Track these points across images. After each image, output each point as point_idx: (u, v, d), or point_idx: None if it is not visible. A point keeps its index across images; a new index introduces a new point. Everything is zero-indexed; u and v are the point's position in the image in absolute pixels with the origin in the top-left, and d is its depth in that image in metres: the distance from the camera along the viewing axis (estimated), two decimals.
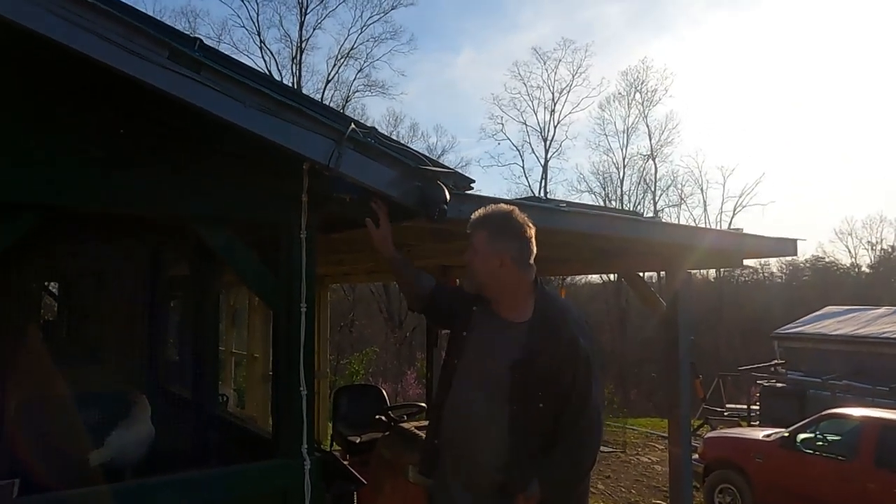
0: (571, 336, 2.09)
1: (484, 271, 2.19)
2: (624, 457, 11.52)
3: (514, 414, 2.06)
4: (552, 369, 2.04)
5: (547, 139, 34.80)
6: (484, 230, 2.21)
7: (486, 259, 2.18)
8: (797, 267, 37.18)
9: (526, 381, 2.05)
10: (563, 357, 2.06)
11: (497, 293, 2.21)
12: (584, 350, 2.09)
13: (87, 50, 2.00)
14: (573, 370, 2.05)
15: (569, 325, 2.13)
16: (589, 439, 2.11)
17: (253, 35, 31.29)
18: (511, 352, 2.10)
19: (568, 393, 2.05)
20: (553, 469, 2.06)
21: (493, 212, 2.26)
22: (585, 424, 2.08)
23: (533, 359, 2.06)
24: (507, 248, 2.18)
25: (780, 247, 4.38)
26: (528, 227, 2.26)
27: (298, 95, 2.57)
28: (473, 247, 2.21)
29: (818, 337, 13.04)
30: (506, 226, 2.21)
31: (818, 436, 7.30)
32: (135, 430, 3.35)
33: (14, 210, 2.24)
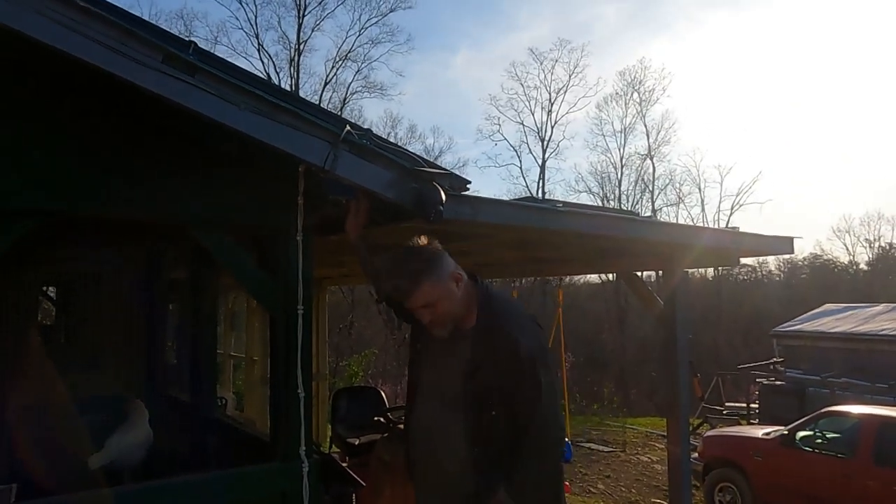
0: (511, 341, 2.05)
1: (450, 308, 2.11)
2: (624, 456, 11.53)
3: (469, 424, 2.05)
4: (496, 377, 2.03)
5: (544, 139, 34.83)
6: (424, 282, 2.08)
7: (448, 295, 2.10)
8: (795, 265, 37.25)
9: (475, 391, 2.04)
10: (504, 364, 2.03)
11: (462, 312, 2.16)
12: (524, 353, 2.04)
13: (81, 54, 2.00)
14: (516, 375, 2.02)
15: (507, 329, 2.08)
16: (545, 441, 2.07)
17: (251, 37, 31.26)
18: (460, 363, 2.09)
19: (516, 398, 2.02)
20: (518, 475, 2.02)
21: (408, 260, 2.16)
22: (539, 425, 2.03)
23: (478, 369, 2.05)
24: (449, 265, 2.15)
25: (776, 245, 4.38)
26: (432, 239, 2.22)
27: (294, 98, 2.58)
28: (430, 302, 2.09)
29: (817, 335, 13.05)
30: (429, 257, 2.14)
31: (817, 434, 7.31)
32: (133, 433, 3.35)
33: (11, 216, 2.24)
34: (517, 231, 3.33)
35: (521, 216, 3.11)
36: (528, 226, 3.13)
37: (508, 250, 4.53)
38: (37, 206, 2.27)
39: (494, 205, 3.05)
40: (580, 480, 9.64)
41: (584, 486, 9.40)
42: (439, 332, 2.14)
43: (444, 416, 2.11)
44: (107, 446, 3.21)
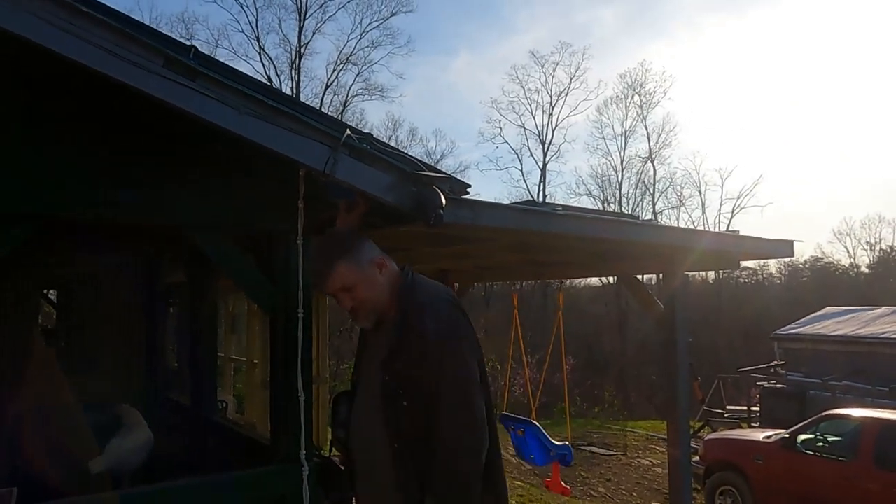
0: (420, 325, 1.94)
1: (374, 294, 2.02)
2: (625, 459, 11.52)
3: (387, 420, 1.93)
4: (407, 365, 1.92)
5: (545, 142, 34.93)
6: (340, 265, 2.00)
7: (368, 280, 2.01)
8: (796, 268, 37.27)
9: (389, 381, 1.94)
10: (415, 351, 1.91)
11: (388, 301, 2.05)
12: (431, 337, 1.92)
13: (81, 58, 2.00)
14: (423, 361, 1.90)
15: (419, 314, 1.97)
16: (456, 436, 1.88)
17: (252, 40, 31.40)
18: (379, 353, 2.00)
19: (421, 384, 1.90)
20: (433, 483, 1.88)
21: (320, 249, 2.12)
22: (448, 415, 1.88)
23: (391, 358, 1.95)
24: (372, 251, 2.07)
25: (777, 248, 4.38)
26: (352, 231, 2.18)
27: (294, 102, 2.58)
28: (347, 288, 2.00)
29: (817, 338, 13.03)
30: (344, 242, 2.08)
31: (818, 437, 7.30)
32: (133, 437, 3.35)
33: (10, 220, 2.24)
34: (517, 234, 3.33)
35: (521, 220, 3.11)
36: (529, 229, 3.13)
37: (509, 253, 4.53)
38: (36, 211, 2.28)
39: (494, 208, 3.05)
40: (581, 484, 9.63)
41: (585, 490, 9.39)
42: (363, 322, 2.05)
43: (369, 412, 2.00)
44: (107, 450, 3.21)
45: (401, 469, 1.92)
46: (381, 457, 1.95)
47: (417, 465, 1.90)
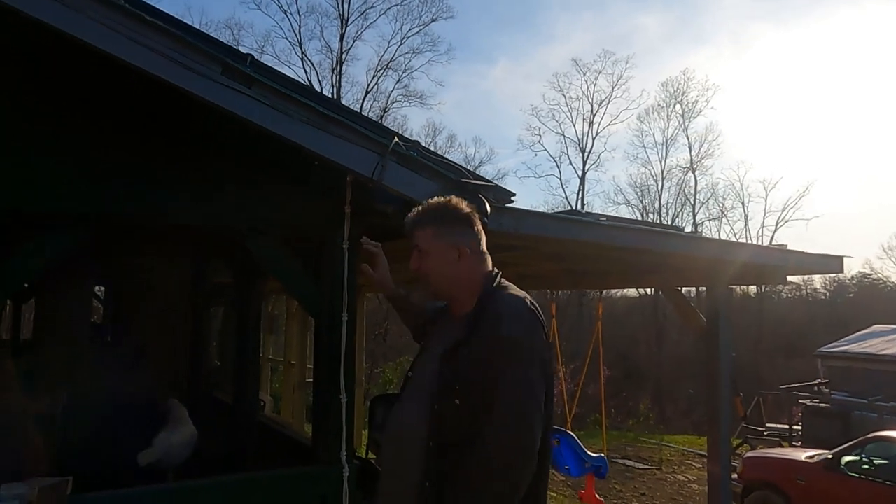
0: (494, 320, 1.82)
1: (440, 271, 1.94)
2: (659, 474, 11.31)
3: (433, 416, 1.79)
4: (479, 361, 1.78)
5: (585, 150, 34.62)
6: (428, 226, 1.96)
7: (440, 256, 1.94)
8: (842, 283, 36.10)
9: (449, 374, 1.81)
10: (483, 351, 1.79)
11: (455, 292, 1.96)
12: (504, 339, 1.78)
13: (146, 66, 2.09)
14: (505, 366, 1.76)
15: (497, 311, 1.85)
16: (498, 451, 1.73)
17: (295, 46, 31.88)
18: (442, 345, 1.88)
19: (479, 386, 1.76)
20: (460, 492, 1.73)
21: (431, 206, 2.01)
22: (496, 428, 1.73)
23: (456, 350, 1.83)
24: (463, 237, 1.95)
25: (825, 263, 4.28)
26: (474, 213, 2.01)
27: (343, 109, 2.64)
28: (420, 249, 1.96)
29: (864, 356, 12.63)
30: (451, 214, 1.97)
31: (864, 459, 7.06)
32: (180, 432, 3.44)
33: (74, 220, 2.35)
34: (559, 244, 3.33)
35: (563, 229, 3.11)
36: (571, 238, 3.13)
37: (548, 262, 4.52)
38: (98, 212, 2.38)
39: (537, 217, 3.06)
40: (614, 497, 9.49)
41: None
42: (423, 289, 2.01)
43: (413, 404, 1.88)
44: (154, 444, 3.30)
45: (430, 470, 1.78)
46: (412, 454, 1.82)
47: (445, 471, 1.76)
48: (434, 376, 1.83)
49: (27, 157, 2.28)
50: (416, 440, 1.81)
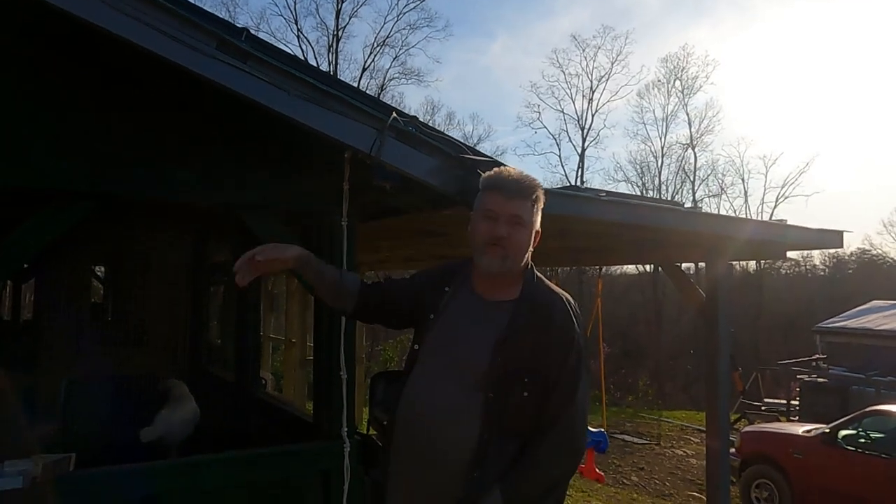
0: (566, 318, 1.81)
1: (525, 248, 1.85)
2: (658, 449, 11.44)
3: (489, 404, 1.74)
4: (540, 351, 1.76)
5: (584, 128, 34.41)
6: (533, 199, 1.85)
7: (531, 232, 1.86)
8: (841, 260, 36.15)
9: (508, 363, 1.75)
10: (554, 339, 1.78)
11: (516, 272, 1.88)
12: (578, 337, 1.81)
13: (142, 41, 2.07)
14: (564, 356, 1.77)
15: (562, 307, 1.84)
16: (567, 443, 1.77)
17: (290, 23, 31.56)
18: (491, 331, 1.79)
19: (554, 383, 1.76)
20: (517, 479, 1.72)
21: (530, 178, 1.90)
22: (566, 425, 1.76)
23: (518, 337, 1.77)
24: (538, 223, 1.90)
25: (824, 238, 4.27)
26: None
27: (341, 84, 2.61)
28: (521, 221, 1.83)
29: (862, 332, 12.70)
30: (541, 197, 1.89)
31: (861, 433, 7.14)
32: (182, 410, 3.47)
33: (73, 198, 2.34)
34: (559, 220, 3.32)
35: (564, 205, 3.09)
36: (571, 215, 3.12)
37: (548, 239, 4.49)
38: (98, 189, 2.36)
39: None
40: (614, 472, 9.61)
41: (618, 478, 9.37)
42: (495, 260, 1.82)
43: (453, 392, 1.78)
44: (156, 421, 3.33)
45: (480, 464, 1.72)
46: (456, 445, 1.75)
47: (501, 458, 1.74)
48: (485, 364, 1.76)
49: (25, 135, 2.26)
50: (463, 428, 1.74)
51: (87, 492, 2.25)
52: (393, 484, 1.89)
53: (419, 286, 2.03)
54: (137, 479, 2.37)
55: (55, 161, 2.29)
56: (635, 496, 8.53)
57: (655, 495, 8.78)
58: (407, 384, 1.88)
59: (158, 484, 2.39)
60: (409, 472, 1.84)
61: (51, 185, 2.30)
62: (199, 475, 2.50)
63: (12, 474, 1.99)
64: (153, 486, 2.37)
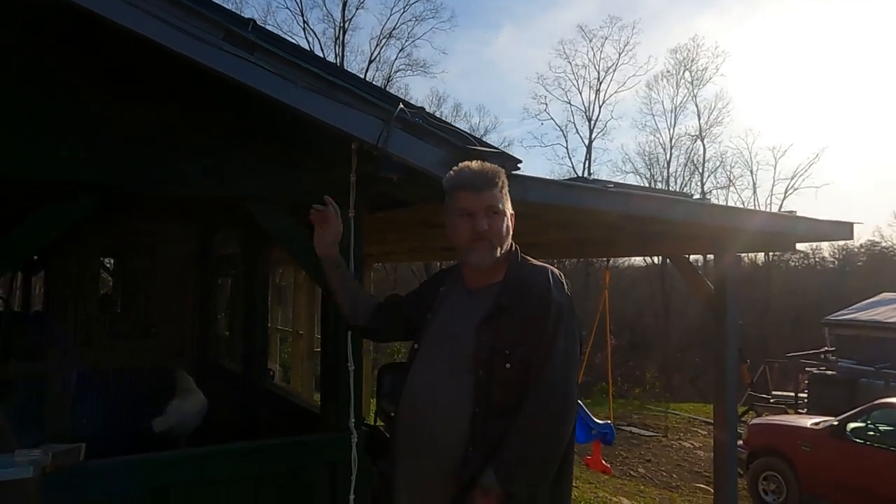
0: (543, 287, 1.85)
1: (505, 234, 1.91)
2: (665, 441, 11.43)
3: (479, 383, 1.79)
4: (520, 324, 1.81)
5: (591, 119, 34.29)
6: (499, 186, 1.91)
7: (507, 218, 1.93)
8: (851, 252, 35.90)
9: (493, 341, 1.81)
10: (531, 308, 1.82)
11: (498, 258, 1.93)
12: (556, 302, 1.83)
13: (147, 31, 2.06)
14: (540, 322, 1.80)
15: (542, 277, 1.89)
16: (546, 406, 1.76)
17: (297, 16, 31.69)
18: (478, 312, 1.86)
19: (533, 350, 1.79)
20: (506, 450, 1.73)
21: (489, 166, 1.95)
22: (543, 387, 1.76)
23: (501, 314, 1.83)
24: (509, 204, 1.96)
25: (834, 230, 4.24)
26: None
27: (347, 75, 2.59)
28: (494, 208, 1.89)
29: (872, 324, 12.62)
30: (505, 180, 1.95)
31: (870, 425, 7.10)
32: (191, 400, 3.48)
33: (80, 190, 2.34)
34: (566, 212, 3.31)
35: (571, 196, 3.08)
36: (578, 206, 3.11)
37: (555, 231, 4.50)
38: (105, 182, 2.37)
39: (544, 184, 3.03)
40: (621, 463, 9.61)
41: (625, 470, 9.38)
42: (483, 255, 1.90)
43: (446, 377, 1.85)
44: (168, 411, 3.35)
45: (475, 436, 1.77)
46: (453, 424, 1.80)
47: (492, 438, 1.76)
48: (472, 346, 1.82)
49: (32, 127, 2.26)
50: (457, 410, 1.80)
51: (97, 482, 2.26)
52: (398, 473, 1.95)
53: (420, 295, 2.18)
54: (147, 469, 2.38)
55: (63, 153, 2.29)
56: (642, 488, 8.54)
57: (662, 487, 8.78)
58: (406, 379, 1.96)
59: (167, 474, 2.40)
60: (411, 459, 1.91)
61: (58, 177, 2.30)
62: (207, 466, 2.51)
63: (22, 464, 2.00)
64: (162, 477, 2.38)
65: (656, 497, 8.16)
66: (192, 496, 2.42)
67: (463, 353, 1.84)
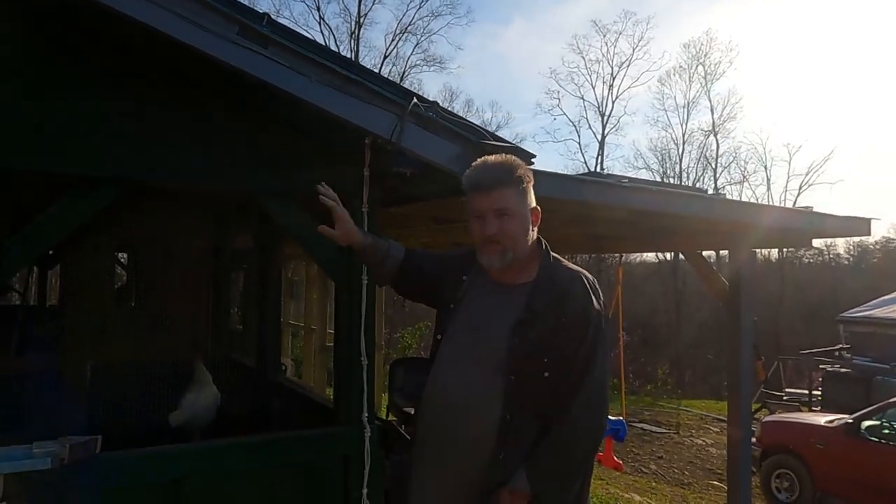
0: (583, 296, 1.81)
1: (522, 236, 1.84)
2: (677, 438, 11.38)
3: (510, 386, 1.76)
4: (558, 330, 1.77)
5: (604, 114, 34.08)
6: (512, 185, 1.83)
7: (524, 218, 1.85)
8: (866, 248, 35.54)
9: (527, 345, 1.76)
10: (571, 317, 1.78)
11: (524, 258, 1.87)
12: (595, 312, 1.80)
13: (162, 27, 2.07)
14: (581, 333, 1.77)
15: (580, 284, 1.84)
16: (585, 419, 1.76)
17: (312, 10, 31.72)
18: (510, 314, 1.81)
19: (572, 360, 1.76)
20: (541, 456, 1.74)
21: (505, 163, 1.88)
22: (584, 400, 1.75)
23: (536, 318, 1.78)
24: (533, 199, 1.89)
25: (851, 226, 4.19)
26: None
27: (362, 70, 2.60)
28: (508, 212, 1.82)
29: (888, 321, 12.50)
30: (526, 175, 1.87)
31: (885, 423, 7.03)
32: (204, 394, 3.51)
33: (96, 184, 2.36)
34: (579, 206, 3.29)
35: (584, 191, 3.08)
36: (592, 201, 3.10)
37: (568, 226, 4.48)
38: (121, 176, 2.39)
39: (558, 179, 3.03)
40: (632, 460, 9.59)
41: (637, 466, 9.35)
42: (494, 258, 1.84)
43: (475, 377, 1.80)
44: (183, 405, 3.37)
45: (504, 443, 1.75)
46: (483, 424, 1.77)
47: (522, 443, 1.76)
48: (504, 348, 1.79)
49: (49, 120, 2.28)
50: (486, 410, 1.78)
51: (114, 473, 2.28)
52: (421, 469, 1.92)
53: (437, 265, 2.11)
54: (164, 461, 2.41)
55: (78, 147, 2.31)
56: (654, 485, 8.51)
57: (674, 484, 8.75)
58: (431, 373, 1.92)
59: (184, 466, 2.43)
60: (437, 456, 1.87)
61: (74, 170, 2.32)
62: (222, 458, 2.54)
63: (40, 455, 2.03)
64: (179, 469, 2.40)
65: (668, 494, 8.13)
66: (208, 487, 2.44)
67: (494, 354, 1.80)
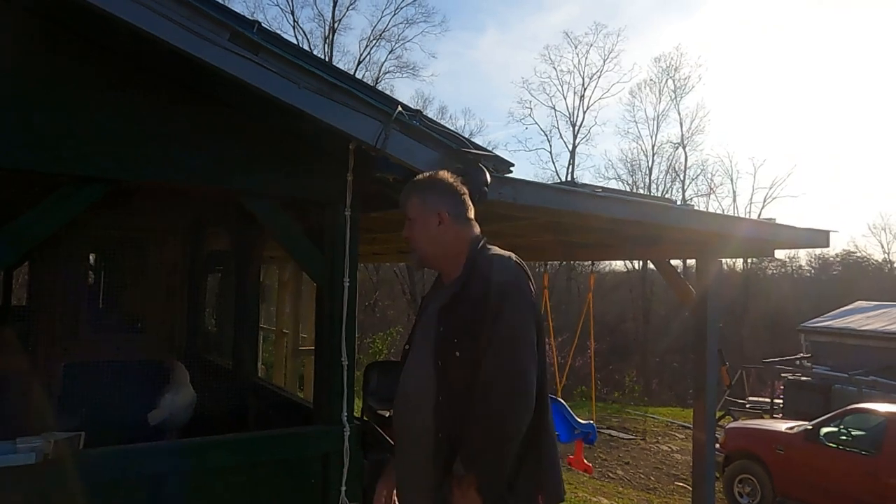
0: (484, 274, 1.91)
1: (425, 237, 2.06)
2: (644, 444, 11.59)
3: (439, 370, 1.89)
4: (467, 312, 1.88)
5: (575, 125, 34.54)
6: (415, 196, 2.10)
7: (425, 222, 2.06)
8: (827, 261, 36.58)
9: (446, 329, 1.91)
10: (474, 294, 1.89)
11: (441, 258, 2.07)
12: (495, 283, 1.87)
13: (155, 30, 2.11)
14: (483, 305, 1.85)
15: (485, 266, 1.94)
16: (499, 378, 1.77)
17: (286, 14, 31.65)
18: (439, 304, 1.99)
19: (478, 330, 1.84)
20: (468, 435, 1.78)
21: (418, 179, 2.16)
22: (491, 359, 1.79)
23: (454, 303, 1.93)
24: (443, 204, 2.06)
25: (812, 238, 4.38)
26: (459, 183, 2.12)
27: (348, 77, 2.67)
28: (410, 218, 2.09)
29: (846, 332, 12.92)
30: (435, 184, 2.10)
31: (842, 430, 7.29)
32: (182, 394, 3.52)
33: (82, 183, 2.38)
34: (555, 214, 3.39)
35: (561, 200, 3.17)
36: (568, 209, 3.19)
37: (543, 233, 4.59)
38: (107, 174, 2.41)
39: (535, 187, 3.12)
40: (600, 465, 9.74)
41: (604, 472, 9.50)
42: (411, 256, 2.15)
43: (420, 367, 1.96)
44: (162, 405, 3.38)
45: (442, 424, 1.85)
46: (424, 414, 1.89)
47: (457, 423, 1.81)
48: (433, 335, 1.94)
49: (36, 118, 2.30)
50: (425, 399, 1.91)
51: (98, 469, 2.30)
52: (395, 462, 2.09)
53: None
54: (146, 457, 2.42)
55: (66, 145, 2.33)
56: (621, 489, 8.66)
57: (640, 489, 8.91)
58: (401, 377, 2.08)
59: (166, 463, 2.45)
60: (399, 447, 2.05)
61: (61, 170, 2.34)
62: (204, 455, 2.56)
63: (25, 451, 2.04)
64: (160, 465, 2.43)
65: (634, 498, 8.29)
66: (189, 484, 2.47)
67: (428, 344, 1.96)
